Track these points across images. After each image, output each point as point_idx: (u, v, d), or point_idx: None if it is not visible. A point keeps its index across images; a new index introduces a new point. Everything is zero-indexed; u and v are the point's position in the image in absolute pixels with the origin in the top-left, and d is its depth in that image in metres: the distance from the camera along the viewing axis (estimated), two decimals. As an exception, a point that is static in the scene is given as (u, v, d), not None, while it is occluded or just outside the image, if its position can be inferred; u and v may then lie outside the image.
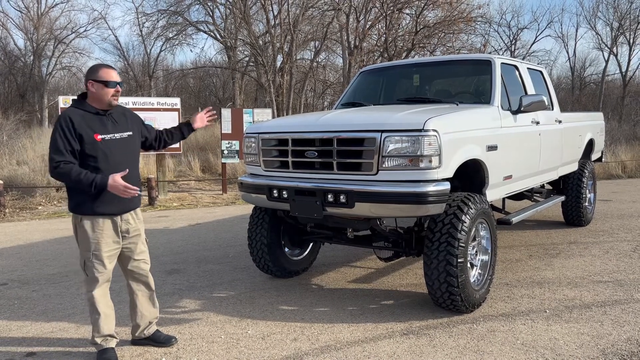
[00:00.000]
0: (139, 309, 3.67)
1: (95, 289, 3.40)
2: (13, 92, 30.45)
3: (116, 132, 3.41)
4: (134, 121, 3.61)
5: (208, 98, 33.46)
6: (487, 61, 5.24)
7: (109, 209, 3.36)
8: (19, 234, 7.94)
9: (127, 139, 3.47)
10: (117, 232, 3.44)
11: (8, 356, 3.60)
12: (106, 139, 3.34)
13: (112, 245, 3.42)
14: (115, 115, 3.48)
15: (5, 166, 12.83)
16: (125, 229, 3.48)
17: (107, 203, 3.33)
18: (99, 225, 3.36)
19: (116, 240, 3.44)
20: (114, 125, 3.42)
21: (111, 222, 3.40)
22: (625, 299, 4.48)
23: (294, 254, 5.36)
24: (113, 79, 3.37)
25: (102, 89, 3.34)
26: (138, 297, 3.66)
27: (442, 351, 3.54)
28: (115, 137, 3.39)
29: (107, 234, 3.39)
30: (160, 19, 24.01)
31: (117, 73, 3.47)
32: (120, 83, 3.44)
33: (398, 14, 16.68)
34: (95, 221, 3.35)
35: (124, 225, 3.46)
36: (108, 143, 3.34)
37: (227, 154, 11.83)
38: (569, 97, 31.58)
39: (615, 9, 30.97)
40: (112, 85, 3.35)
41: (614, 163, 15.03)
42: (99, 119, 3.36)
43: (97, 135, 3.30)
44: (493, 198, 4.79)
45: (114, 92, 3.37)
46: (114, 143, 3.37)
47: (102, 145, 3.31)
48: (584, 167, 7.32)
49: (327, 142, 4.17)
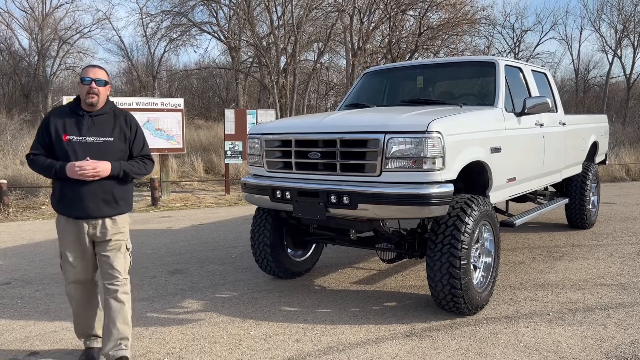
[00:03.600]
0: (105, 322, 3.38)
1: (67, 285, 3.40)
2: (17, 92, 30.53)
3: (90, 135, 3.24)
4: (122, 127, 3.36)
5: (211, 99, 33.52)
6: (491, 63, 5.24)
7: (71, 212, 3.25)
8: (23, 234, 7.96)
9: (101, 144, 3.25)
10: (81, 236, 3.28)
11: (11, 355, 3.61)
12: (74, 140, 3.21)
13: (76, 247, 3.30)
14: (102, 118, 3.31)
15: (9, 166, 12.86)
16: (92, 234, 3.29)
17: (69, 205, 3.24)
18: (63, 226, 3.32)
19: (82, 244, 3.29)
20: (90, 128, 3.26)
21: (75, 225, 3.27)
22: (629, 302, 4.47)
23: (296, 255, 5.35)
24: (88, 75, 3.24)
25: (80, 87, 3.28)
26: (106, 307, 3.38)
27: (445, 353, 3.54)
28: (85, 140, 3.23)
29: (70, 237, 3.29)
30: (164, 20, 24.06)
31: (103, 71, 3.31)
32: (98, 80, 3.25)
33: (402, 16, 16.70)
34: (61, 220, 3.33)
35: (91, 229, 3.28)
36: (74, 145, 3.20)
37: (230, 154, 11.83)
38: (572, 99, 31.50)
39: (619, 11, 30.91)
40: (86, 82, 3.23)
41: (617, 166, 14.99)
42: (77, 119, 3.26)
43: (65, 136, 3.21)
44: (496, 200, 4.78)
45: (89, 90, 3.22)
46: (83, 146, 3.21)
47: (68, 146, 3.20)
48: (588, 169, 7.30)
49: (331, 143, 4.17)
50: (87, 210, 3.23)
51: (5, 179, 10.25)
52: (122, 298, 3.36)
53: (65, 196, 3.24)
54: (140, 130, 3.50)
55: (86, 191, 3.20)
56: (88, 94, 3.23)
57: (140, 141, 3.47)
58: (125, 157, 3.39)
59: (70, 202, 3.23)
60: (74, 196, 3.21)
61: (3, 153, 13.59)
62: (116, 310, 3.34)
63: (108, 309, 3.36)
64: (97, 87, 3.24)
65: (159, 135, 10.97)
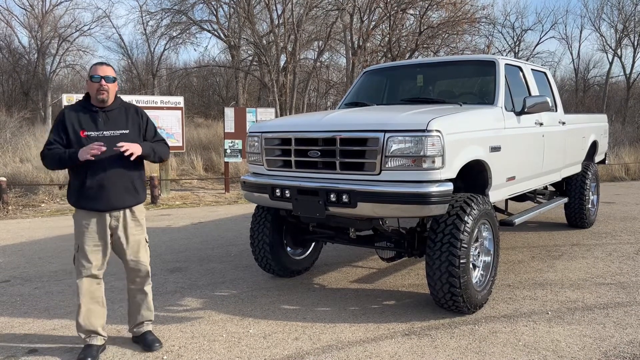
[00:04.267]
0: (131, 306, 3.71)
1: (80, 280, 3.46)
2: (17, 89, 30.50)
3: (107, 129, 3.40)
4: (135, 119, 3.54)
5: (211, 97, 33.49)
6: (491, 62, 5.23)
7: (94, 205, 3.37)
8: (22, 231, 7.95)
9: (118, 137, 3.41)
10: (103, 228, 3.42)
11: (10, 353, 3.61)
12: (92, 135, 3.35)
13: (96, 240, 3.42)
14: (114, 113, 3.46)
15: (9, 163, 12.86)
16: (114, 226, 3.45)
17: (92, 198, 3.36)
18: (84, 219, 3.41)
19: (102, 237, 3.43)
20: (105, 123, 3.41)
21: (97, 218, 3.40)
22: (627, 301, 4.47)
23: (296, 253, 5.36)
24: (97, 73, 3.36)
25: (89, 84, 3.40)
26: (132, 295, 3.70)
27: (444, 352, 3.54)
28: (103, 135, 3.37)
29: (92, 229, 3.40)
30: (164, 18, 24.04)
31: (110, 68, 3.43)
32: (107, 77, 3.38)
33: (402, 15, 16.67)
34: (82, 214, 3.42)
35: (113, 222, 3.45)
36: (93, 140, 3.32)
37: (230, 153, 11.83)
38: (572, 98, 31.50)
39: (619, 10, 30.91)
40: (95, 80, 3.35)
41: (617, 165, 15.00)
42: (92, 116, 3.40)
43: (83, 132, 3.35)
44: (496, 199, 4.79)
45: (99, 87, 3.35)
46: (102, 140, 3.33)
47: (87, 142, 3.31)
48: (587, 169, 7.30)
49: (330, 141, 4.17)
50: (110, 201, 3.38)
51: (5, 177, 10.25)
52: (146, 289, 3.67)
53: (87, 189, 3.34)
54: (150, 119, 3.73)
55: (108, 182, 3.36)
56: (98, 91, 3.38)
57: (152, 128, 3.68)
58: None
59: (92, 195, 3.35)
60: (97, 188, 3.33)
61: (3, 151, 13.59)
62: (141, 300, 3.67)
63: (133, 298, 3.68)
64: (106, 84, 3.40)
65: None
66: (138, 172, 3.54)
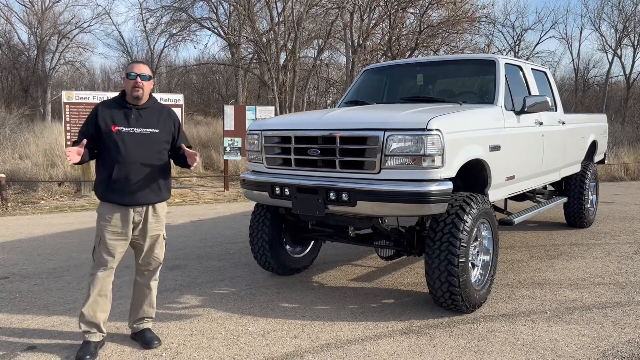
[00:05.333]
0: (135, 300, 3.75)
1: (96, 271, 3.50)
2: (16, 86, 30.47)
3: (138, 126, 3.49)
4: (166, 121, 3.63)
5: (211, 95, 33.46)
6: (491, 61, 5.23)
7: (119, 198, 3.45)
8: (21, 228, 7.95)
9: (148, 135, 3.51)
10: (126, 223, 3.48)
11: (9, 349, 3.61)
12: (123, 131, 3.44)
13: (118, 235, 3.48)
14: (147, 111, 3.56)
15: (8, 160, 12.85)
16: (137, 221, 3.53)
17: (118, 192, 3.44)
18: (108, 213, 3.47)
19: (124, 231, 3.49)
20: (137, 120, 3.50)
21: (121, 212, 3.47)
22: (626, 301, 4.48)
23: (295, 251, 5.36)
24: (133, 70, 3.46)
25: (125, 82, 3.50)
26: (137, 289, 3.74)
27: (443, 351, 3.54)
28: (134, 131, 3.47)
29: (115, 223, 3.46)
30: (164, 15, 23.96)
31: (146, 67, 3.55)
32: (143, 75, 3.47)
33: (402, 13, 16.66)
34: (107, 207, 3.49)
35: (136, 217, 3.52)
36: (124, 135, 3.43)
37: (230, 150, 11.82)
38: (572, 98, 31.50)
39: (620, 10, 30.91)
40: (131, 77, 3.45)
41: (616, 165, 15.01)
42: (125, 112, 3.49)
43: (115, 127, 3.44)
44: (495, 198, 4.79)
45: (134, 84, 3.45)
46: (132, 136, 3.45)
47: (117, 136, 3.42)
48: (587, 168, 7.31)
49: (330, 140, 4.17)
50: (135, 196, 3.46)
51: (4, 174, 10.24)
52: (152, 285, 3.73)
53: (114, 182, 3.41)
54: (181, 125, 3.83)
55: (136, 177, 3.44)
56: (134, 87, 3.46)
57: (184, 133, 3.80)
58: (168, 147, 3.66)
59: (118, 188, 3.42)
60: (123, 182, 3.41)
61: (2, 147, 13.57)
62: (145, 295, 3.72)
63: (139, 292, 3.72)
64: (142, 82, 3.47)
65: (158, 131, 10.95)
66: (164, 171, 3.62)
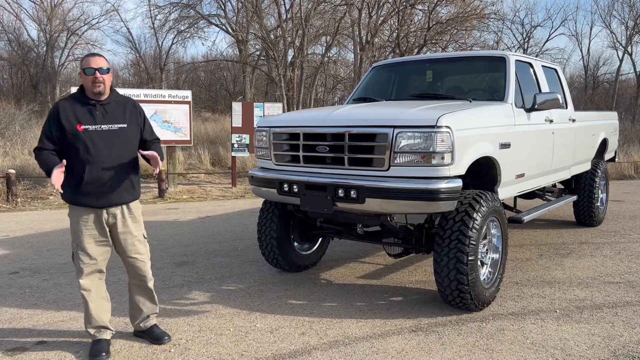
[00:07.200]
0: (134, 302, 3.66)
1: (83, 279, 3.39)
2: (26, 82, 30.69)
3: (105, 123, 3.30)
4: (133, 114, 3.46)
5: (219, 91, 33.53)
6: (501, 58, 5.19)
7: (90, 201, 3.30)
8: (31, 223, 8.00)
9: (117, 132, 3.34)
10: (101, 225, 3.36)
11: (19, 344, 3.63)
12: (90, 129, 3.25)
13: (96, 237, 3.36)
14: (111, 106, 3.36)
15: (18, 156, 12.93)
16: (112, 223, 3.40)
17: (88, 195, 3.28)
18: (81, 216, 3.34)
19: (101, 233, 3.37)
20: (104, 116, 3.31)
21: (94, 215, 3.33)
22: (637, 300, 4.44)
23: (303, 248, 5.35)
24: (90, 65, 3.23)
25: (83, 78, 3.28)
26: (134, 291, 3.65)
27: (451, 349, 3.53)
28: (102, 129, 3.28)
29: (90, 226, 3.34)
30: (172, 12, 24.01)
31: (103, 59, 3.29)
32: (101, 69, 3.25)
33: (410, 10, 16.59)
34: (78, 211, 3.35)
35: (110, 219, 3.38)
36: (92, 134, 3.25)
37: (237, 147, 11.84)
38: (581, 96, 31.28)
39: (630, 7, 30.60)
40: (89, 72, 3.23)
41: (626, 163, 14.87)
42: (88, 109, 3.29)
43: (81, 126, 3.24)
44: (505, 196, 4.76)
45: (93, 79, 3.23)
46: (100, 135, 3.27)
47: (84, 135, 3.23)
48: (597, 166, 7.24)
49: (339, 137, 4.15)
50: (108, 197, 3.32)
51: (14, 169, 10.31)
52: (149, 285, 3.63)
53: (85, 185, 3.25)
54: (147, 116, 3.66)
55: (108, 179, 3.29)
56: (94, 83, 3.26)
57: (150, 125, 3.62)
58: (138, 141, 3.49)
59: (89, 191, 3.27)
60: (95, 185, 3.26)
61: (12, 143, 13.66)
62: (144, 296, 3.64)
63: (136, 295, 3.64)
64: (101, 76, 3.27)
65: (166, 128, 10.99)
66: (134, 168, 3.47)
